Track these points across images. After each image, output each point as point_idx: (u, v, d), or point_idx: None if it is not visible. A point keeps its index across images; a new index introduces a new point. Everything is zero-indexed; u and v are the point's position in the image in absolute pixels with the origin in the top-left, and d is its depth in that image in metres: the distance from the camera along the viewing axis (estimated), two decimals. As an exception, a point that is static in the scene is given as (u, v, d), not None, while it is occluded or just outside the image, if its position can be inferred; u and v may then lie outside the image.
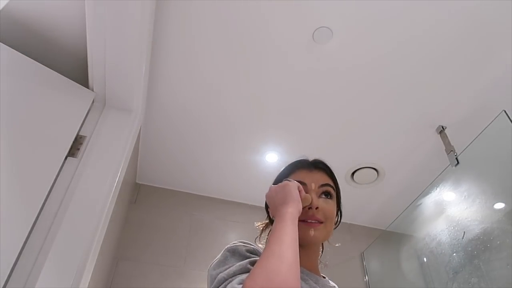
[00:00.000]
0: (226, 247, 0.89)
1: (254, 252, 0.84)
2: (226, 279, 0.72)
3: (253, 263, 0.73)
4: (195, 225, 2.69)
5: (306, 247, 0.93)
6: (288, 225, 0.78)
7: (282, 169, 1.08)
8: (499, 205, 2.09)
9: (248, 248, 0.85)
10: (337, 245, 1.08)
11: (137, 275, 2.34)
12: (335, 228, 1.02)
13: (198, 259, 2.51)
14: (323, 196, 0.98)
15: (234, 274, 0.73)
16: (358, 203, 2.88)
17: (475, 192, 2.16)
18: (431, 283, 2.46)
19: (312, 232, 0.92)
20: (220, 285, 0.72)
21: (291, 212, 0.82)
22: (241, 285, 0.66)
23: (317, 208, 0.93)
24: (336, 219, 1.02)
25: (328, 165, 1.06)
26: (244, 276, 0.71)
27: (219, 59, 1.98)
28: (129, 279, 2.30)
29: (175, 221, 2.67)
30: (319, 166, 1.04)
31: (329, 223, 0.95)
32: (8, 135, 1.41)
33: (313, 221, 0.92)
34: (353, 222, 3.07)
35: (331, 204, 0.98)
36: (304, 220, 0.93)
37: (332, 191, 1.00)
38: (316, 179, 0.99)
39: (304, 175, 1.00)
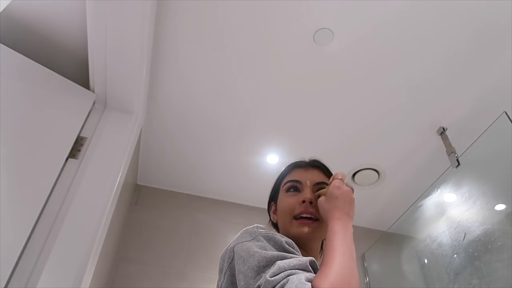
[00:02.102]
0: (255, 230, 0.84)
1: (292, 246, 0.80)
2: (287, 269, 0.67)
3: (312, 264, 0.71)
4: (196, 227, 2.69)
5: (304, 247, 0.93)
6: (352, 241, 0.81)
7: (282, 170, 1.11)
8: (500, 207, 2.08)
9: (286, 240, 0.80)
10: None
11: (138, 276, 2.34)
12: None
13: (199, 260, 2.51)
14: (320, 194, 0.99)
15: (294, 268, 0.68)
16: (359, 204, 2.85)
17: (476, 193, 2.15)
18: (432, 285, 2.45)
19: (305, 229, 0.93)
20: (282, 272, 0.67)
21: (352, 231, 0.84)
22: (309, 283, 0.64)
23: (311, 202, 0.95)
24: None
25: (325, 164, 1.09)
26: (307, 274, 0.67)
27: (220, 60, 1.98)
28: (130, 280, 2.31)
29: (176, 222, 2.67)
30: (315, 164, 1.07)
31: (323, 221, 0.95)
32: (9, 136, 1.41)
33: (307, 216, 0.94)
34: (353, 224, 3.04)
35: None
36: (298, 218, 0.94)
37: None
38: (312, 177, 1.02)
39: (300, 174, 1.03)
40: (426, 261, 2.56)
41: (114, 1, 1.42)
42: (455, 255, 2.20)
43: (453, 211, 2.32)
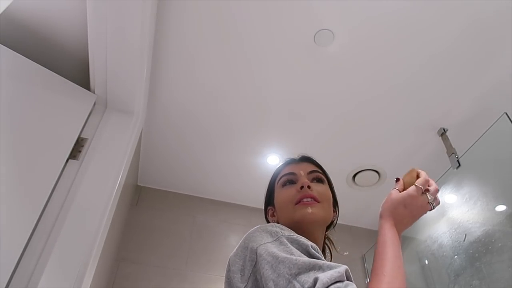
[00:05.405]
0: (276, 230, 0.80)
1: (317, 250, 0.75)
2: (330, 284, 0.63)
3: (347, 273, 0.67)
4: (197, 227, 2.69)
5: (309, 234, 0.89)
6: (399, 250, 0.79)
7: (272, 174, 1.14)
8: (501, 208, 2.08)
9: (312, 244, 0.76)
10: (345, 253, 1.08)
11: (139, 277, 2.34)
12: (334, 226, 1.05)
13: (200, 261, 2.51)
14: (315, 181, 1.01)
15: (336, 281, 0.64)
16: (360, 205, 2.87)
17: (477, 194, 2.15)
18: (433, 285, 2.45)
19: (309, 209, 0.92)
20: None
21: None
22: None
23: (309, 187, 0.96)
24: (334, 216, 1.04)
25: (314, 158, 1.11)
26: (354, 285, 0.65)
27: (221, 61, 1.98)
28: (131, 281, 2.31)
29: (176, 223, 2.67)
30: (304, 158, 1.09)
31: (326, 204, 0.97)
32: (10, 137, 1.42)
33: (308, 199, 0.94)
34: (354, 225, 3.06)
35: (324, 187, 1.01)
36: (299, 202, 0.94)
37: (322, 176, 1.04)
38: (304, 168, 1.04)
39: (292, 167, 1.05)
40: (426, 262, 2.55)
41: (114, 1, 1.42)
42: (455, 256, 2.20)
43: (453, 212, 2.32)
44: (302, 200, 0.94)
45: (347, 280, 0.66)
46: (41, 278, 1.26)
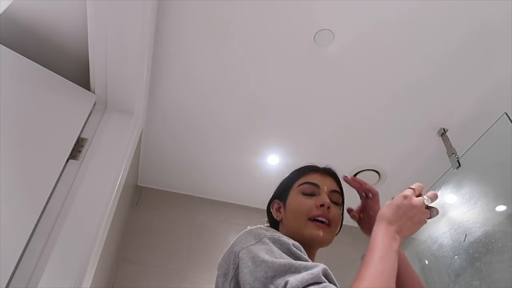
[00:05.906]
0: (260, 232, 0.81)
1: (299, 249, 0.76)
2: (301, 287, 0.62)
3: (325, 273, 0.66)
4: (197, 228, 2.69)
5: (308, 250, 0.88)
6: (395, 257, 0.75)
7: (293, 171, 1.11)
8: (501, 208, 2.08)
9: (293, 243, 0.77)
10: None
11: (139, 277, 2.34)
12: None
13: (200, 261, 2.51)
14: (333, 202, 1.00)
15: (308, 284, 0.62)
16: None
17: (477, 194, 2.15)
18: (433, 286, 2.45)
19: (321, 233, 0.92)
20: None
21: (399, 246, 0.79)
22: None
23: (328, 207, 0.96)
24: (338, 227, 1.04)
25: (338, 174, 1.10)
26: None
27: (221, 61, 1.98)
28: (131, 281, 2.31)
29: (176, 223, 2.67)
30: (330, 172, 1.08)
31: (334, 228, 0.97)
32: (10, 137, 1.42)
33: (323, 220, 0.94)
34: (354, 225, 3.03)
35: (339, 211, 1.01)
36: (315, 220, 0.94)
37: (340, 199, 1.04)
38: (328, 184, 1.03)
39: (318, 178, 1.04)
40: (426, 262, 2.55)
41: (114, 1, 1.42)
42: (455, 256, 2.20)
43: (453, 212, 2.31)
44: (317, 219, 0.94)
45: (327, 280, 0.65)
46: (41, 278, 1.26)
